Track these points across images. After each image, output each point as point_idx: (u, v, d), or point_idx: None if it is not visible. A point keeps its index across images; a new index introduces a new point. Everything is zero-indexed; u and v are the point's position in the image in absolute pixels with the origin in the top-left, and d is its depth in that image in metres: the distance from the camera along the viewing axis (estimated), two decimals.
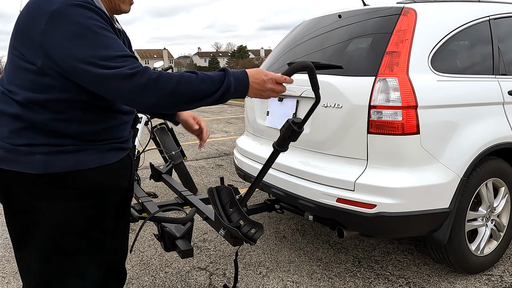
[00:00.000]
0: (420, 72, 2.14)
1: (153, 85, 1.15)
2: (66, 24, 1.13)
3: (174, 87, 1.18)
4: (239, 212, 2.03)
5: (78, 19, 1.14)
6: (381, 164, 2.13)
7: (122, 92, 1.14)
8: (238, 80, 1.30)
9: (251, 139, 3.14)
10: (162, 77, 1.17)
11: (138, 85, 1.14)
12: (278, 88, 1.39)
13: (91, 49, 1.13)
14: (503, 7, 2.63)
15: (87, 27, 1.14)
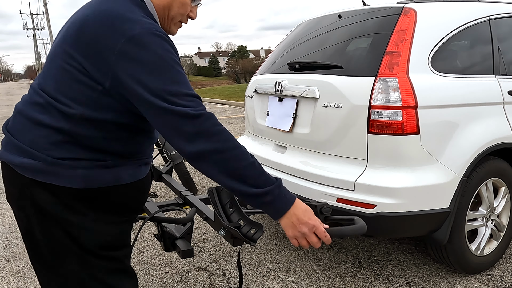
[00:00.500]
0: (420, 72, 2.14)
1: (210, 135, 1.12)
2: (145, 52, 1.10)
3: (228, 149, 1.13)
4: (239, 212, 2.03)
5: (157, 50, 1.11)
6: (381, 164, 2.13)
7: (177, 129, 1.11)
8: (282, 197, 1.19)
9: (251, 139, 3.14)
10: (223, 133, 1.14)
11: (196, 127, 1.11)
12: (312, 238, 1.23)
13: (163, 83, 1.10)
14: (503, 7, 2.63)
15: (165, 60, 1.12)
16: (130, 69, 1.10)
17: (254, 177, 1.16)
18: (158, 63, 1.11)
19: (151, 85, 1.10)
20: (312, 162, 2.42)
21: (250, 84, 3.19)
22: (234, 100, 14.85)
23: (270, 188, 1.17)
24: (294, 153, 2.58)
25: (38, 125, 1.16)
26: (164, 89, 1.10)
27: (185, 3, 1.32)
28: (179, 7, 1.31)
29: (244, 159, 1.16)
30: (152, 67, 1.10)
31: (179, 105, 1.10)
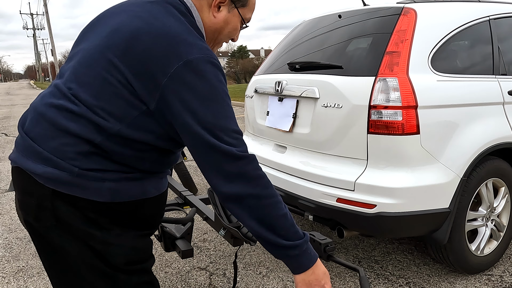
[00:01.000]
0: (420, 72, 2.14)
1: (250, 179, 1.09)
2: (199, 80, 1.04)
3: (265, 196, 1.10)
4: None
5: (212, 80, 1.06)
6: (381, 164, 2.13)
7: (219, 167, 1.08)
8: (307, 254, 1.18)
9: (251, 139, 3.14)
10: (263, 179, 1.12)
11: (238, 169, 1.08)
12: None
13: (214, 116, 1.06)
14: (503, 7, 2.63)
15: (218, 92, 1.07)
16: (182, 94, 1.03)
17: (285, 228, 1.13)
18: (212, 94, 1.06)
19: (202, 115, 1.05)
20: (312, 162, 2.42)
21: (250, 84, 3.19)
22: (234, 100, 14.84)
23: (299, 242, 1.14)
24: (294, 153, 2.58)
25: (66, 132, 1.07)
26: (215, 124, 1.06)
27: (236, 28, 1.29)
28: (230, 31, 1.28)
29: (279, 209, 1.12)
30: (206, 97, 1.05)
31: (226, 142, 1.07)
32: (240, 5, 1.23)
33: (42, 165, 1.07)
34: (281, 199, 1.15)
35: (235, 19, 1.25)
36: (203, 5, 1.20)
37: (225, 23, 1.24)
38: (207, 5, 1.20)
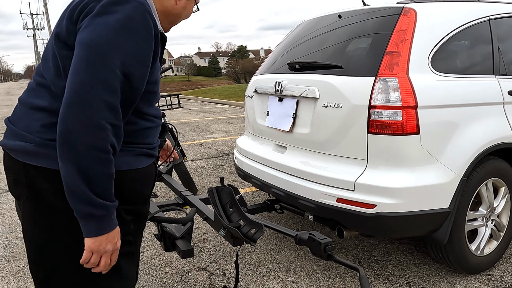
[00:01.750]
0: (420, 72, 2.14)
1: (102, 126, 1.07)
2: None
3: (100, 148, 1.06)
4: (239, 212, 2.03)
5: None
6: (381, 164, 2.13)
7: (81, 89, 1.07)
8: (112, 219, 1.13)
9: (251, 139, 3.14)
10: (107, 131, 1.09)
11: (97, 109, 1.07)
12: (107, 259, 1.16)
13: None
14: (503, 7, 2.63)
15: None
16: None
17: (104, 187, 1.08)
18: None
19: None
20: (312, 162, 2.42)
21: (250, 84, 3.19)
22: (234, 100, 14.85)
23: (110, 204, 1.10)
24: (294, 153, 2.58)
25: (34, 109, 1.17)
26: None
27: (190, 11, 1.45)
28: (186, 14, 1.44)
29: (108, 167, 1.09)
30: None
31: None
32: None
33: (14, 141, 1.17)
34: (113, 159, 1.11)
35: (191, 5, 1.43)
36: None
37: (183, 8, 1.40)
38: None
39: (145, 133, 1.29)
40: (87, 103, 1.04)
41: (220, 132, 8.25)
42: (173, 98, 15.28)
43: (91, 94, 1.05)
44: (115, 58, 1.08)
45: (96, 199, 1.07)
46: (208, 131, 8.36)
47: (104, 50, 1.07)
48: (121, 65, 1.09)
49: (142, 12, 1.13)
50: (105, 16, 1.10)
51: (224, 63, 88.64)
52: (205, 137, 7.64)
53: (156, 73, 1.27)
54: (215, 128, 8.83)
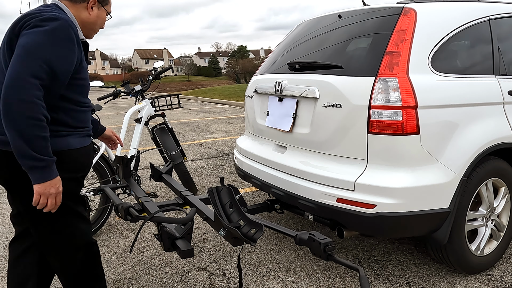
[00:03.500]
0: (420, 72, 2.14)
1: (28, 99, 1.49)
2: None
3: (30, 117, 1.49)
4: (239, 212, 2.03)
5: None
6: (381, 164, 2.13)
7: (14, 75, 1.49)
8: (52, 170, 1.57)
9: (251, 139, 3.14)
10: (38, 106, 1.51)
11: (25, 85, 1.51)
12: (52, 200, 1.62)
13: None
14: (503, 7, 2.62)
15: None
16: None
17: (40, 145, 1.51)
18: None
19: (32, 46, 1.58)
20: (312, 162, 2.42)
21: (250, 84, 3.19)
22: (234, 100, 14.85)
23: (47, 158, 1.54)
24: (294, 153, 2.58)
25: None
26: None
27: (104, 19, 1.92)
28: (101, 22, 1.89)
29: (42, 131, 1.52)
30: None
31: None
32: (104, 4, 1.87)
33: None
34: (47, 126, 1.54)
35: (103, 14, 1.88)
36: (79, 8, 1.78)
37: (97, 17, 1.85)
38: (83, 8, 1.79)
39: (85, 117, 1.79)
40: (20, 85, 1.47)
41: (220, 132, 8.25)
42: (173, 98, 15.27)
43: (23, 79, 1.47)
44: (41, 55, 1.52)
45: (36, 155, 1.50)
46: (208, 131, 8.36)
47: (33, 49, 1.51)
48: (47, 61, 1.53)
49: (66, 26, 1.59)
50: (37, 28, 1.55)
51: (224, 63, 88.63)
52: (205, 137, 7.64)
53: (84, 71, 1.75)
54: (215, 128, 8.83)
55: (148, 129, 4.12)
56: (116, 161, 2.90)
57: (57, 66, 1.56)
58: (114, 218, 3.56)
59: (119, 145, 3.67)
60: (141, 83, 4.02)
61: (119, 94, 3.87)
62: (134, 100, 4.07)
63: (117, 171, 2.93)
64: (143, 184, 4.57)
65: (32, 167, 1.51)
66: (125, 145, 6.78)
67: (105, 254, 2.91)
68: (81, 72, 1.72)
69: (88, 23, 1.82)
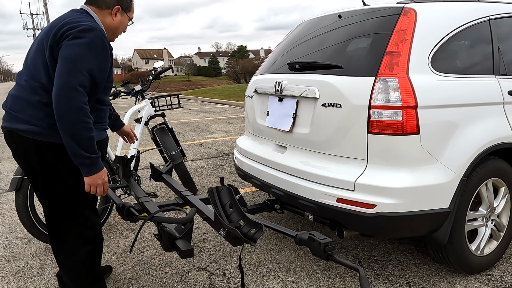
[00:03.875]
0: (420, 72, 2.14)
1: (78, 105, 1.74)
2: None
3: (78, 121, 1.74)
4: (239, 212, 2.03)
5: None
6: (381, 164, 2.13)
7: (62, 85, 1.74)
8: (98, 164, 1.85)
9: (251, 139, 3.14)
10: (86, 110, 1.76)
11: (74, 95, 1.75)
12: (100, 188, 1.90)
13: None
14: (503, 7, 2.62)
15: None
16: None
17: (87, 145, 1.77)
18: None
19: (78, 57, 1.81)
20: (312, 162, 2.42)
21: (250, 84, 3.19)
22: (234, 100, 14.85)
23: (94, 156, 1.81)
24: (294, 153, 2.58)
25: (35, 103, 1.83)
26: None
27: (126, 25, 2.09)
28: (123, 27, 2.08)
29: (90, 132, 1.77)
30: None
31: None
32: (127, 11, 2.06)
33: (25, 125, 1.84)
34: (93, 127, 1.81)
35: (125, 20, 2.07)
36: (105, 14, 1.99)
37: (120, 23, 2.04)
38: (107, 14, 1.99)
39: (105, 114, 2.03)
40: (70, 95, 1.70)
41: (220, 132, 8.25)
42: (173, 98, 15.28)
43: (71, 88, 1.71)
44: (84, 66, 1.75)
45: (85, 154, 1.77)
46: (208, 131, 8.36)
47: (77, 61, 1.74)
48: (88, 70, 1.76)
49: (101, 37, 1.81)
50: (78, 40, 1.76)
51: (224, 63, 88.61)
52: (205, 137, 7.64)
53: (112, 74, 1.98)
54: (215, 128, 8.83)
55: (148, 129, 4.12)
56: (116, 161, 2.90)
57: (97, 74, 1.81)
58: (114, 218, 3.56)
59: (119, 145, 3.67)
60: (141, 83, 4.02)
61: (119, 94, 3.87)
62: (134, 100, 4.07)
63: (117, 171, 2.93)
64: (143, 184, 4.57)
65: (82, 163, 1.79)
66: (125, 145, 6.78)
67: (105, 254, 2.91)
68: (110, 75, 1.95)
69: (111, 28, 2.02)
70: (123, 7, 2.01)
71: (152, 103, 3.99)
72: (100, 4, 1.96)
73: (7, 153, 6.52)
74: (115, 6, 1.98)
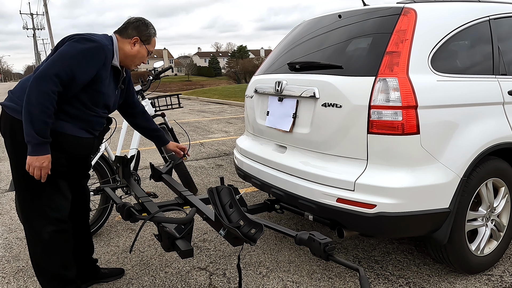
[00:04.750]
0: (420, 72, 2.14)
1: (42, 89, 1.88)
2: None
3: (38, 103, 1.87)
4: (239, 212, 2.03)
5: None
6: (381, 164, 2.13)
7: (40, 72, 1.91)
8: (44, 147, 1.95)
9: (251, 139, 3.14)
10: (51, 97, 1.90)
11: (46, 79, 1.91)
12: (38, 172, 1.97)
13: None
14: (503, 7, 2.62)
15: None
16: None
17: (40, 127, 1.88)
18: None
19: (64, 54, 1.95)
20: (312, 162, 2.42)
21: (250, 84, 3.19)
22: (234, 100, 14.85)
23: (43, 139, 1.91)
24: (294, 153, 2.58)
25: (24, 87, 2.03)
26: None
27: (144, 56, 2.29)
28: (140, 57, 2.27)
29: (46, 117, 1.89)
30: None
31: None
32: (146, 43, 2.28)
33: (9, 102, 2.03)
34: (52, 115, 1.93)
35: (143, 51, 2.28)
36: (125, 42, 2.21)
37: (138, 52, 2.25)
38: (127, 43, 2.22)
39: (88, 119, 2.13)
40: (43, 79, 1.88)
41: (220, 132, 8.25)
42: (173, 98, 15.28)
43: (47, 75, 1.88)
44: (69, 63, 1.92)
45: (33, 134, 1.87)
46: (208, 131, 8.36)
47: (66, 57, 1.93)
48: (71, 69, 1.93)
49: (99, 49, 2.00)
50: (76, 43, 1.98)
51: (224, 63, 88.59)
52: (205, 137, 7.64)
53: (102, 86, 2.09)
54: (215, 128, 8.83)
55: None
56: (116, 161, 2.90)
57: (78, 75, 1.96)
58: (114, 218, 3.56)
59: (119, 145, 3.67)
60: (141, 83, 4.02)
61: None
62: None
63: (117, 171, 2.93)
64: (143, 184, 4.57)
65: (29, 141, 1.89)
66: (125, 145, 6.78)
67: (105, 254, 2.91)
68: (98, 85, 2.07)
69: (129, 56, 2.23)
70: (142, 39, 2.24)
71: (152, 103, 3.99)
72: (123, 34, 2.22)
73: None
74: (135, 37, 2.22)
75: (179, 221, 1.94)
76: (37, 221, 2.08)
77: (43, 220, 2.08)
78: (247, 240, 1.85)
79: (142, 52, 2.26)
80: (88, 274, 2.45)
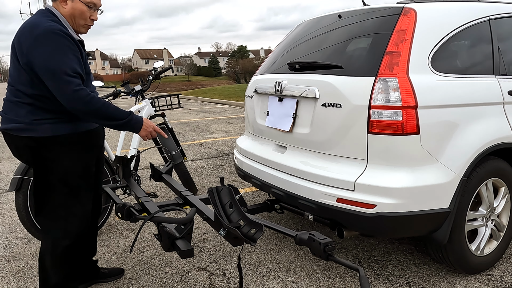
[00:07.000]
0: (420, 72, 2.14)
1: (85, 100, 1.88)
2: (47, 42, 1.84)
3: (98, 108, 1.92)
4: (239, 212, 2.03)
5: (54, 41, 1.85)
6: (381, 164, 2.13)
7: (64, 96, 1.86)
8: (136, 119, 2.08)
9: (251, 139, 3.14)
10: (94, 98, 1.91)
11: (76, 95, 1.87)
12: (153, 133, 2.20)
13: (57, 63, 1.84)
14: (503, 7, 2.62)
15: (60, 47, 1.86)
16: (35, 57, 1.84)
17: (113, 115, 1.97)
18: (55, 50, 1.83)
19: (49, 63, 1.82)
20: (312, 162, 2.42)
21: (250, 84, 3.19)
22: (234, 100, 14.85)
23: (127, 118, 2.03)
24: (294, 153, 2.58)
25: (16, 104, 1.94)
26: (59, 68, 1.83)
27: (83, 11, 2.00)
28: (79, 14, 2.00)
29: (109, 108, 1.95)
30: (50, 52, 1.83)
31: (66, 81, 1.85)
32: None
33: (11, 124, 1.94)
34: (107, 103, 1.96)
35: (78, 5, 1.98)
36: (58, 5, 1.97)
37: (72, 9, 1.98)
38: (59, 4, 1.97)
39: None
40: (74, 93, 1.88)
41: (220, 132, 8.25)
42: (173, 98, 15.26)
43: (71, 89, 1.88)
44: (66, 61, 1.87)
45: (122, 122, 2.00)
46: (208, 131, 8.36)
47: (59, 63, 1.86)
48: (70, 65, 1.87)
49: (50, 31, 1.84)
50: (47, 47, 1.86)
51: (224, 63, 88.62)
52: (205, 137, 7.64)
53: (88, 66, 2.05)
54: (215, 128, 8.83)
55: None
56: (116, 161, 2.90)
57: (79, 68, 1.95)
58: (114, 218, 3.56)
59: (119, 145, 3.67)
60: (141, 83, 4.02)
61: (119, 94, 3.87)
62: (134, 100, 4.07)
63: (117, 171, 2.93)
64: (143, 184, 4.57)
65: (124, 126, 2.03)
66: (125, 145, 6.78)
67: (105, 254, 2.91)
68: (84, 66, 2.01)
69: (67, 17, 1.99)
70: None
71: (152, 103, 3.99)
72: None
73: (7, 153, 6.52)
74: None
75: (179, 221, 1.94)
76: (55, 232, 2.04)
77: (61, 232, 2.04)
78: (247, 240, 1.85)
79: (78, 8, 1.98)
80: (88, 274, 2.45)
